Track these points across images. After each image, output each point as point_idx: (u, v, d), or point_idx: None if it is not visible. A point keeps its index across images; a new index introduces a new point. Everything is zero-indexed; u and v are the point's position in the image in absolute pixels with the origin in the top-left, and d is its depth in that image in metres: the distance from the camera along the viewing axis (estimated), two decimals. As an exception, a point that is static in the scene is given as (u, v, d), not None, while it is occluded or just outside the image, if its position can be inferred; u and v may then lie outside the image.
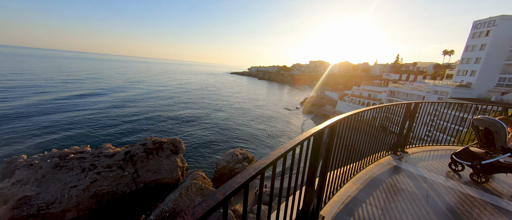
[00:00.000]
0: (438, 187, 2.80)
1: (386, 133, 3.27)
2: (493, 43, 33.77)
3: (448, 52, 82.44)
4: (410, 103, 3.45)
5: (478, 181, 2.92)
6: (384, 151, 3.38)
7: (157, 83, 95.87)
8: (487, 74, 34.84)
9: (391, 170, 3.13)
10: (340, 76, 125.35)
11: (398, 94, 45.55)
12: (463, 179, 3.04)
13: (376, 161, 3.30)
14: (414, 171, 3.11)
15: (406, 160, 3.40)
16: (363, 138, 2.75)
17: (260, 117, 54.99)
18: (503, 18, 33.11)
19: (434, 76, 69.84)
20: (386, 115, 3.12)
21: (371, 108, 2.74)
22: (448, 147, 4.20)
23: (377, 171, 3.08)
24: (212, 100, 70.12)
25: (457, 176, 3.10)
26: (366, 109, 2.64)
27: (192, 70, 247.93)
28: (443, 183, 2.87)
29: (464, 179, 3.05)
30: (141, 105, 51.48)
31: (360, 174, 3.03)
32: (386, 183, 2.90)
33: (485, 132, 2.86)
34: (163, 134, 34.50)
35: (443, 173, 3.16)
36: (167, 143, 21.07)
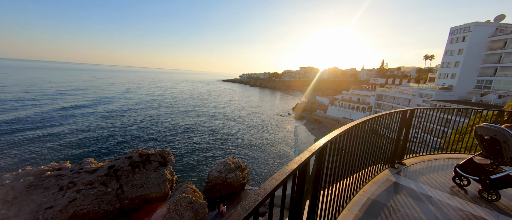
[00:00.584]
0: (446, 209, 2.49)
1: (382, 144, 2.99)
2: (469, 48, 35.94)
3: (428, 57, 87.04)
4: (405, 110, 3.21)
5: (489, 199, 2.62)
6: (380, 163, 3.08)
7: (146, 93, 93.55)
8: (466, 77, 36.80)
9: (391, 188, 2.82)
10: (329, 81, 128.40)
11: (386, 98, 46.96)
12: (471, 195, 2.74)
13: (373, 178, 3.00)
14: (416, 189, 2.81)
15: (406, 174, 3.12)
16: (358, 151, 2.45)
17: (252, 124, 54.53)
18: (476, 24, 35.49)
19: (418, 80, 73.07)
20: (381, 125, 2.85)
21: (365, 120, 2.44)
22: (446, 155, 3.96)
23: (376, 191, 2.76)
24: (203, 108, 69.04)
25: (463, 192, 2.82)
26: (359, 122, 2.34)
27: (183, 79, 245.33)
28: (450, 203, 2.57)
29: (471, 195, 2.76)
30: (128, 117, 49.59)
31: (357, 196, 2.70)
32: (387, 207, 2.57)
33: (491, 142, 2.58)
34: (152, 145, 33.10)
35: (447, 189, 2.87)
36: (155, 154, 20.10)
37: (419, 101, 39.18)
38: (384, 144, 2.99)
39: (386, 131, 2.90)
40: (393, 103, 44.45)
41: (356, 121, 2.31)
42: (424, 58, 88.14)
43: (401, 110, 3.13)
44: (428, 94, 37.93)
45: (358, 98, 57.14)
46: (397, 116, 3.12)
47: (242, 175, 25.95)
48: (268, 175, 28.66)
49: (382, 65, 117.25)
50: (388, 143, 3.09)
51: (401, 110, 3.14)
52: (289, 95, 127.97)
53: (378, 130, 2.79)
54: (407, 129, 3.23)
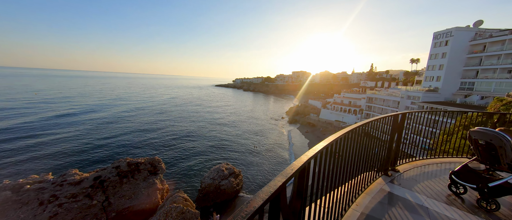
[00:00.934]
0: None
1: (375, 150, 2.85)
2: (452, 52, 37.67)
3: (414, 61, 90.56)
4: (397, 114, 3.10)
5: (488, 209, 2.50)
6: (373, 171, 2.92)
7: (137, 100, 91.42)
8: (450, 79, 38.40)
9: (385, 199, 2.68)
10: (321, 85, 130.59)
11: (376, 101, 48.10)
12: (468, 205, 2.62)
13: (366, 188, 2.85)
14: (412, 199, 2.67)
15: (400, 182, 3.00)
16: (349, 161, 2.29)
17: (246, 129, 54.16)
18: (457, 29, 37.38)
19: (405, 83, 75.62)
20: (373, 130, 2.71)
21: (355, 127, 2.30)
22: (439, 159, 3.86)
23: (370, 204, 2.58)
24: (196, 114, 68.07)
25: (460, 201, 2.69)
26: (349, 130, 2.19)
27: (175, 84, 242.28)
28: (449, 215, 2.41)
29: (469, 204, 2.63)
30: (117, 125, 48.02)
31: (350, 211, 2.51)
32: None
33: (486, 147, 2.47)
34: (142, 153, 32.00)
35: (444, 198, 2.74)
36: (145, 163, 19.38)
37: (408, 103, 40.36)
38: (376, 150, 2.86)
39: (378, 136, 2.78)
40: (383, 106, 45.54)
41: (345, 129, 2.17)
42: (410, 62, 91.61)
43: (392, 114, 3.03)
44: (416, 96, 39.17)
45: (349, 101, 58.25)
46: (389, 121, 3.00)
47: (236, 182, 25.45)
48: (263, 180, 28.28)
49: (371, 68, 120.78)
50: (380, 149, 2.96)
51: (392, 114, 3.03)
52: (283, 99, 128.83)
53: (370, 136, 2.65)
54: (399, 134, 3.13)
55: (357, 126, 2.31)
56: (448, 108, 32.24)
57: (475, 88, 35.66)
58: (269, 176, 29.69)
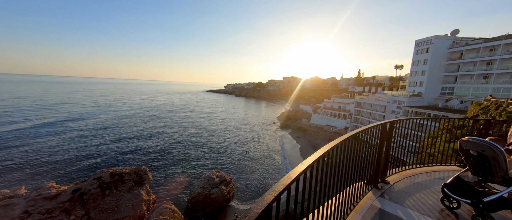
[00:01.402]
0: None
1: (364, 161, 2.68)
2: (432, 58, 39.80)
3: (398, 67, 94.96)
4: (385, 123, 2.97)
5: None
6: (363, 183, 2.73)
7: (124, 106, 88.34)
8: (432, 84, 40.36)
9: (377, 218, 2.47)
10: (311, 90, 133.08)
11: (364, 105, 49.48)
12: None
13: (356, 206, 2.64)
14: (404, 217, 2.47)
15: (391, 197, 2.84)
16: (338, 174, 2.11)
17: (238, 134, 53.57)
18: (437, 37, 39.68)
19: (391, 88, 78.74)
20: (362, 141, 2.54)
21: (344, 139, 2.11)
22: (429, 168, 3.74)
23: None
24: (185, 120, 66.62)
25: (454, 216, 2.53)
26: (338, 143, 2.01)
27: (165, 90, 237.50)
28: None
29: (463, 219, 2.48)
30: (100, 133, 45.85)
31: None
32: None
33: (478, 158, 2.32)
34: (127, 163, 30.52)
35: (437, 213, 2.57)
36: (130, 173, 18.40)
37: (394, 108, 41.81)
38: (365, 161, 2.70)
39: (367, 146, 2.63)
40: (371, 110, 46.87)
41: (333, 142, 1.99)
42: (395, 68, 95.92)
43: (380, 123, 2.91)
44: (401, 101, 40.70)
45: (339, 106, 59.51)
46: (377, 130, 2.85)
47: (227, 189, 24.79)
48: (255, 187, 27.76)
49: (359, 74, 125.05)
50: (369, 160, 2.80)
51: (381, 123, 2.92)
52: (274, 104, 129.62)
53: (358, 148, 2.48)
54: (388, 143, 3.02)
55: (345, 138, 2.14)
56: (431, 112, 33.70)
57: (455, 93, 37.66)
58: (261, 183, 29.23)
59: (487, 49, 34.08)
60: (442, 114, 31.84)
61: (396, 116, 40.94)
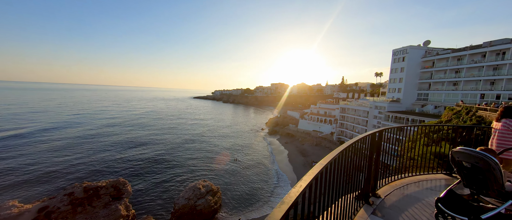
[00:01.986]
0: None
1: (354, 175, 2.50)
2: (408, 67, 42.67)
3: (378, 74, 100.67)
4: (374, 133, 2.84)
5: None
6: (352, 195, 2.53)
7: (104, 114, 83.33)
8: (409, 91, 43.07)
9: None
10: (298, 96, 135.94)
11: (348, 111, 51.30)
12: None
13: None
14: None
15: (383, 214, 2.66)
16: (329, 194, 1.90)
17: (226, 141, 52.54)
18: (411, 47, 42.77)
19: (372, 94, 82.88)
20: (353, 154, 2.36)
21: (336, 155, 1.90)
22: (416, 177, 3.66)
23: None
24: (170, 127, 64.20)
25: None
26: (330, 160, 1.80)
27: (149, 97, 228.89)
28: None
29: None
30: (75, 144, 42.51)
31: None
32: None
33: (472, 170, 2.17)
34: (105, 175, 28.29)
35: None
36: (106, 187, 16.99)
37: (376, 113, 43.79)
38: (355, 175, 2.52)
39: (356, 159, 2.46)
40: (355, 116, 48.67)
41: (326, 159, 1.78)
42: (375, 75, 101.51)
43: (369, 133, 2.79)
44: (382, 106, 42.79)
45: (325, 112, 61.11)
46: (367, 141, 2.69)
47: (214, 200, 23.86)
48: (242, 196, 27.02)
49: (342, 81, 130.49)
50: (359, 173, 2.63)
51: (370, 133, 2.80)
52: (262, 110, 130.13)
53: (348, 161, 2.29)
54: (378, 153, 2.92)
55: (338, 153, 1.93)
56: (410, 117, 35.71)
57: (429, 99, 40.43)
58: (249, 191, 28.58)
59: (455, 59, 37.29)
60: (419, 118, 33.87)
61: (378, 120, 42.83)
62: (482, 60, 32.91)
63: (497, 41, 31.60)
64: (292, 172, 36.13)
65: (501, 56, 30.66)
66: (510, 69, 28.88)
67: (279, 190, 29.40)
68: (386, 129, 3.17)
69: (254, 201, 26.35)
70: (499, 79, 30.11)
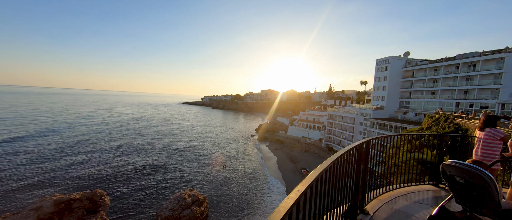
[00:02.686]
0: None
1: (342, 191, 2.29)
2: (391, 76, 44.93)
3: (363, 82, 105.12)
4: (361, 144, 2.64)
5: None
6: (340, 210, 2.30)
7: (83, 120, 78.63)
8: (392, 99, 45.15)
9: None
10: (288, 103, 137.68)
11: (336, 117, 52.57)
12: None
13: None
14: None
15: None
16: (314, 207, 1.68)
17: (214, 148, 51.32)
18: (393, 58, 45.24)
19: (358, 101, 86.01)
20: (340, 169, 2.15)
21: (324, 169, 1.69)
22: (403, 189, 3.49)
23: None
24: (155, 134, 61.77)
25: None
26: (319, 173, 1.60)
27: (135, 102, 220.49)
28: None
29: None
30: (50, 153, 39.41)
31: None
32: None
33: (466, 186, 2.00)
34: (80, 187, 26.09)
35: None
36: (80, 199, 15.65)
37: (361, 120, 45.22)
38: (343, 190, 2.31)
39: (342, 174, 2.25)
40: (342, 122, 49.93)
41: (313, 174, 1.57)
42: (360, 83, 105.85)
43: (356, 144, 2.62)
44: (367, 113, 44.32)
45: (313, 118, 62.15)
46: (354, 152, 2.48)
47: (200, 210, 22.84)
48: (230, 206, 26.15)
49: (330, 88, 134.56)
50: (347, 187, 2.42)
51: (357, 144, 2.63)
52: (252, 116, 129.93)
53: (334, 178, 2.07)
54: (365, 165, 2.76)
55: (326, 167, 1.72)
56: (393, 124, 37.20)
57: (410, 106, 42.58)
58: (238, 200, 27.77)
59: (432, 69, 39.85)
60: (402, 125, 35.38)
61: (363, 127, 44.18)
62: (456, 71, 35.45)
63: (468, 54, 34.31)
64: (281, 179, 35.83)
65: (472, 67, 33.24)
66: (480, 80, 31.31)
67: (269, 198, 28.88)
68: (373, 139, 3.06)
69: (242, 210, 25.59)
70: (471, 89, 32.48)
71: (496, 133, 2.98)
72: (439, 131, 14.79)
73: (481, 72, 31.13)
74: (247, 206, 26.58)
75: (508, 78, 28.38)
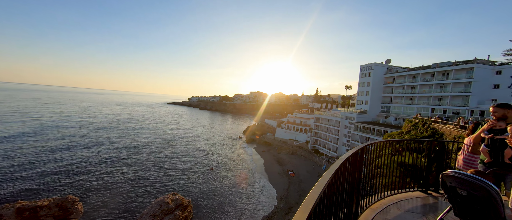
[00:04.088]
0: None
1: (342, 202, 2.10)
2: (374, 81, 47.11)
3: (348, 87, 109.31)
4: (356, 152, 2.43)
5: None
6: None
7: (58, 119, 72.85)
8: (374, 103, 47.28)
9: None
10: (276, 105, 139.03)
11: (322, 121, 53.85)
12: None
13: None
14: None
15: None
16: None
17: (200, 150, 49.98)
18: (376, 64, 47.52)
19: (343, 105, 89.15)
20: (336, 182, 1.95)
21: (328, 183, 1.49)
22: (394, 197, 3.34)
23: None
24: (136, 135, 58.89)
25: None
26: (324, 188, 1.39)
27: (116, 100, 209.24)
28: None
29: None
30: (16, 154, 35.89)
31: None
32: None
33: (468, 199, 1.83)
34: (50, 192, 23.86)
35: None
36: (49, 206, 14.22)
37: (346, 123, 46.74)
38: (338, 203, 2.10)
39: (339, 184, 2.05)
40: (328, 125, 51.25)
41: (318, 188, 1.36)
42: (345, 88, 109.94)
43: (351, 152, 2.40)
44: (352, 117, 45.93)
45: (300, 121, 63.12)
46: (349, 161, 2.25)
47: (184, 215, 21.89)
48: (216, 210, 25.43)
49: (317, 92, 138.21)
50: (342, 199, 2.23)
51: (351, 152, 2.42)
52: (240, 118, 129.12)
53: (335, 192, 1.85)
54: (359, 173, 2.58)
55: (329, 181, 1.50)
56: (375, 127, 38.84)
57: (391, 111, 44.84)
58: (224, 203, 27.12)
59: (411, 77, 42.38)
60: (383, 128, 37.05)
61: (348, 130, 45.68)
62: (431, 79, 38.01)
63: (442, 63, 36.99)
64: (268, 181, 35.71)
65: (446, 76, 35.86)
66: (453, 87, 33.83)
67: (255, 201, 28.56)
68: (368, 145, 2.93)
69: (228, 214, 25.00)
70: (445, 96, 34.96)
71: None
72: (418, 134, 15.65)
73: (454, 80, 33.67)
74: (233, 209, 26.03)
75: (477, 87, 30.96)
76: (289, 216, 24.29)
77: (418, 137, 14.91)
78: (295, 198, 29.01)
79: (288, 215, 24.54)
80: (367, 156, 3.04)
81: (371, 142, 3.05)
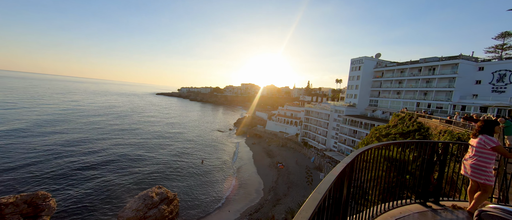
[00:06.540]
0: None
1: None
2: (363, 75, 47.53)
3: (338, 81, 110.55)
4: (352, 160, 1.98)
5: None
6: None
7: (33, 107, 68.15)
8: (363, 97, 47.98)
9: None
10: (268, 97, 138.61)
11: (312, 113, 54.20)
12: None
13: None
14: None
15: None
16: None
17: (191, 142, 48.97)
18: (366, 58, 47.78)
19: (333, 98, 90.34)
20: None
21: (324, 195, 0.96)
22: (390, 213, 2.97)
23: None
24: (120, 126, 56.55)
25: None
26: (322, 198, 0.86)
27: (99, 90, 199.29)
28: None
29: None
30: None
31: None
32: None
33: None
34: (16, 189, 22.07)
35: None
36: (15, 203, 13.06)
37: (335, 116, 47.30)
38: None
39: None
40: (318, 118, 51.67)
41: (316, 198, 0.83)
42: (335, 81, 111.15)
43: (347, 162, 1.85)
44: (341, 110, 46.46)
45: (291, 114, 63.27)
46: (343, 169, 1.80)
47: (169, 209, 21.36)
48: (203, 203, 25.06)
49: (308, 85, 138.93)
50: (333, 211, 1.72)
51: (347, 162, 1.86)
52: (231, 110, 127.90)
53: None
54: (348, 189, 2.03)
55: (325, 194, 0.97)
56: (363, 121, 39.50)
57: (378, 105, 45.75)
58: (211, 196, 26.78)
59: (399, 71, 43.07)
60: (371, 122, 37.77)
61: (337, 123, 46.30)
62: (418, 74, 38.79)
63: (430, 58, 37.70)
64: (257, 174, 35.73)
65: (432, 71, 36.67)
66: (438, 82, 34.73)
67: (244, 194, 28.47)
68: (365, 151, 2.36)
69: (216, 205, 24.75)
70: (430, 91, 35.91)
71: (487, 142, 2.55)
72: (404, 128, 15.80)
73: (439, 76, 34.51)
74: (220, 202, 25.80)
75: (460, 83, 31.93)
76: (276, 208, 24.43)
77: (404, 131, 15.02)
78: (284, 190, 29.24)
79: (276, 207, 24.68)
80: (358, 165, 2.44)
81: (366, 147, 2.47)
